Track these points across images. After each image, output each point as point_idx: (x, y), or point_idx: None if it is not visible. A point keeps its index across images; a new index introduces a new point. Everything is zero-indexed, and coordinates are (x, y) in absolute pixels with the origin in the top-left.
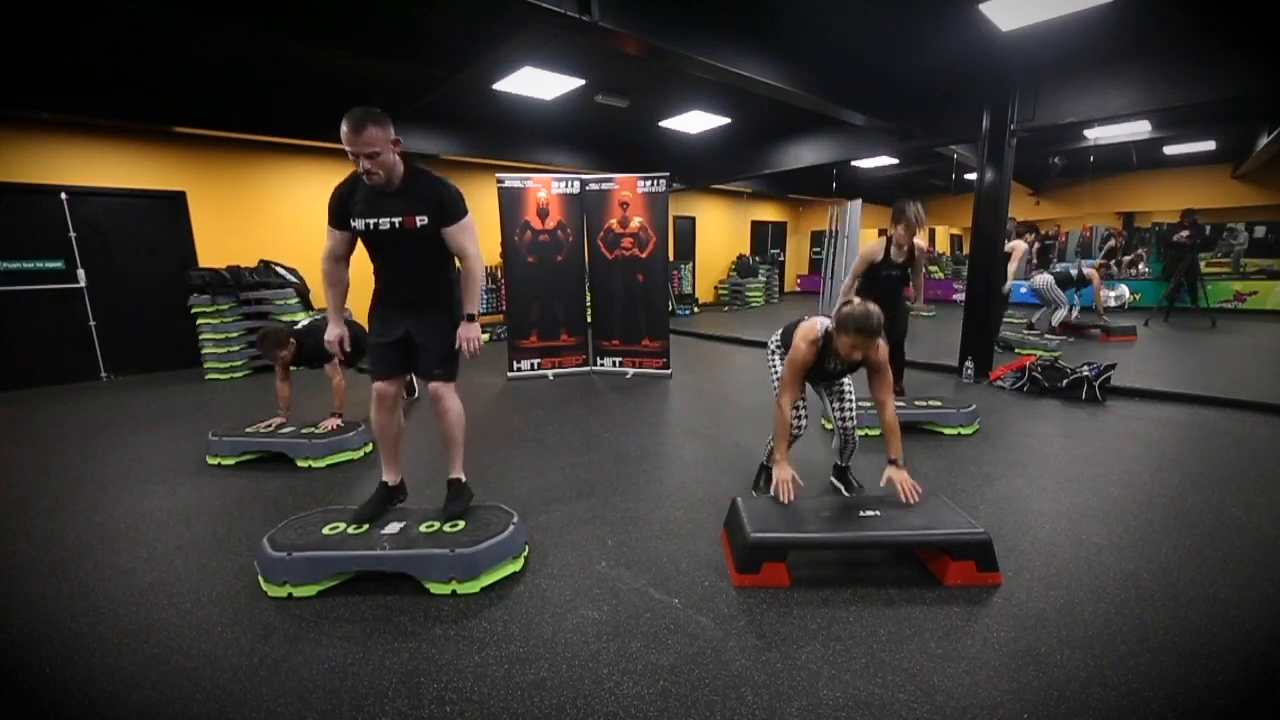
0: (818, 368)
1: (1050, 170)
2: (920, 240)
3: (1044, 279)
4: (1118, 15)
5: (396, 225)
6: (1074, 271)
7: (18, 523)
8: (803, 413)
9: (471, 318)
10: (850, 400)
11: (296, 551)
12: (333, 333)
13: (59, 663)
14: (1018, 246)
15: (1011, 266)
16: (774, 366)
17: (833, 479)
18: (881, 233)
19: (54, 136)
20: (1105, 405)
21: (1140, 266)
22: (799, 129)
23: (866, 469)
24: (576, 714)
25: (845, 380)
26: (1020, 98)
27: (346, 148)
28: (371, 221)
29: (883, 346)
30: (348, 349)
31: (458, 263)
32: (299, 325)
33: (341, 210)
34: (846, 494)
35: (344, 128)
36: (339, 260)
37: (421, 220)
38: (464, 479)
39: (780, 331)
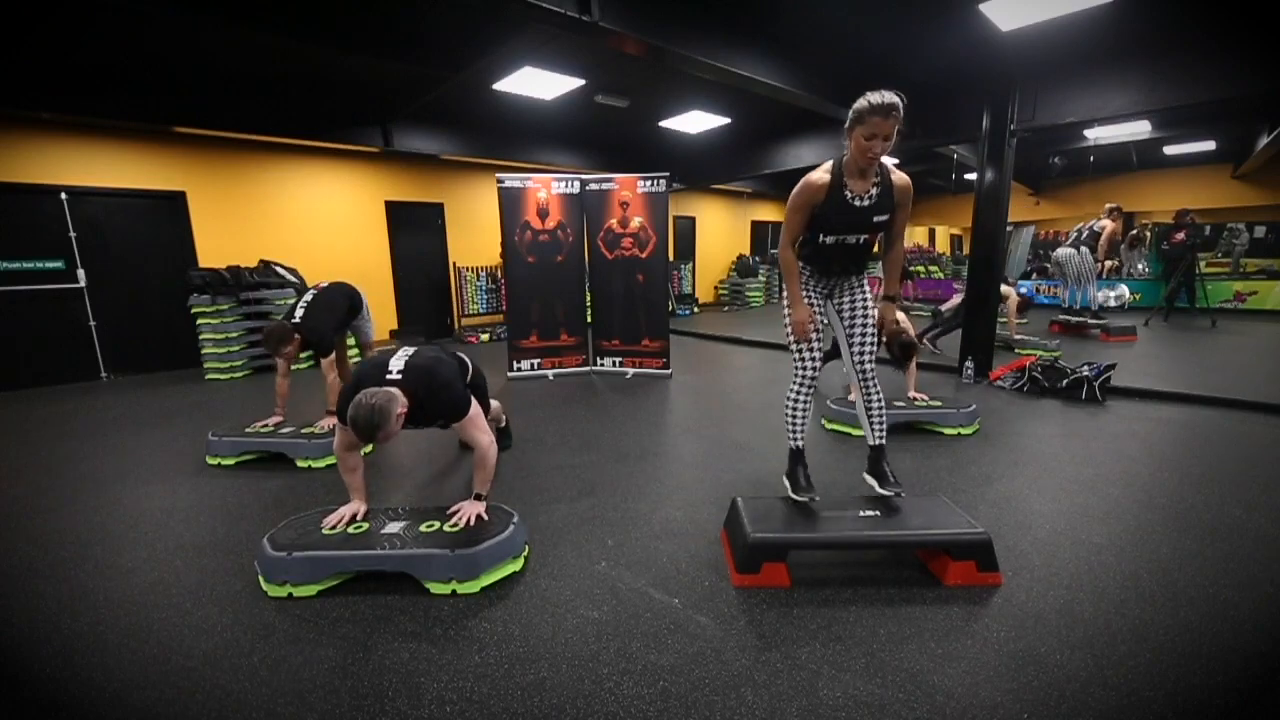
0: (837, 209)
1: (1050, 170)
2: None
3: (1087, 254)
4: (1118, 15)
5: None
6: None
7: (18, 522)
8: (817, 351)
9: (480, 497)
10: (870, 334)
11: (296, 551)
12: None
13: (59, 663)
14: (1109, 227)
15: (1102, 245)
16: (788, 326)
17: (866, 475)
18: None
19: (54, 136)
20: (1105, 405)
21: (1141, 266)
22: (799, 129)
23: (860, 472)
24: (576, 714)
25: (867, 301)
26: (1020, 98)
27: None
28: None
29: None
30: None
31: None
32: (297, 317)
33: None
34: (880, 489)
35: None
36: (350, 449)
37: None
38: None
39: None
